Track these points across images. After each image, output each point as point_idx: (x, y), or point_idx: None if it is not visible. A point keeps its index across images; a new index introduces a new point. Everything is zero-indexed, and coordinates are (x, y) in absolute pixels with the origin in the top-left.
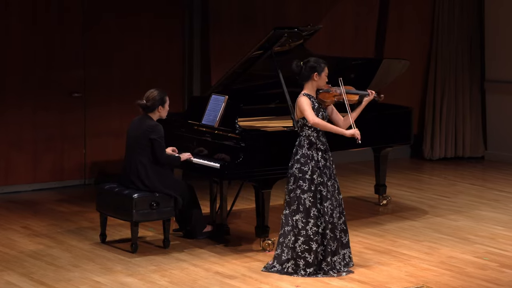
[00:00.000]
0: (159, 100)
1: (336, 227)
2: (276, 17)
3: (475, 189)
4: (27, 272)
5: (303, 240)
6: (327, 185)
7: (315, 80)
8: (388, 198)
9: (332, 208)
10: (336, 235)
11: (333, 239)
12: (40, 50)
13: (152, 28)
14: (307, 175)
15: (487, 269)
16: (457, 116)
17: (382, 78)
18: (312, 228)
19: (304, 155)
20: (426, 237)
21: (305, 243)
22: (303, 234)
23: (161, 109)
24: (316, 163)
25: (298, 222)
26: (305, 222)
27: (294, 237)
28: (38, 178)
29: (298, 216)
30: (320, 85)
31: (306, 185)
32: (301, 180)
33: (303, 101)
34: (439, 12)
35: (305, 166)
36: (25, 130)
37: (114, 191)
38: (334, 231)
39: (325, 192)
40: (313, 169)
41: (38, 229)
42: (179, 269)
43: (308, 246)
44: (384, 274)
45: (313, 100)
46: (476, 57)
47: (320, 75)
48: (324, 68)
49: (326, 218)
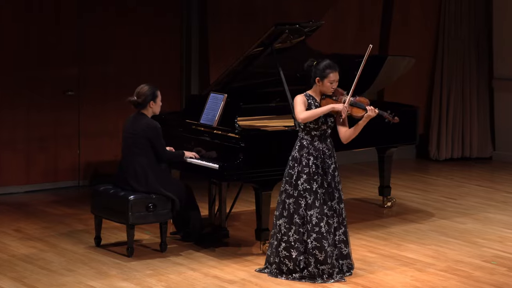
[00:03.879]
0: (150, 95)
1: (325, 237)
2: (277, 13)
3: (483, 190)
4: (19, 277)
5: (284, 246)
6: (317, 192)
7: (317, 85)
8: (393, 200)
9: (320, 218)
10: (324, 245)
11: (320, 249)
12: (32, 47)
13: (149, 24)
14: (293, 180)
15: (495, 273)
16: (464, 115)
17: (386, 76)
18: (294, 235)
19: (293, 157)
20: (432, 241)
21: (286, 250)
22: (285, 239)
23: (153, 104)
24: (303, 168)
25: (281, 226)
26: (288, 228)
27: (277, 242)
28: (31, 179)
29: (281, 220)
30: (323, 91)
31: (291, 189)
32: (287, 184)
33: (296, 99)
34: (446, 7)
35: (292, 169)
36: (17, 130)
37: (110, 192)
38: (321, 241)
39: (311, 200)
40: (299, 174)
41: (31, 232)
42: (177, 274)
43: (289, 253)
44: (389, 279)
45: (312, 102)
46: (484, 53)
47: (322, 81)
48: (328, 75)
49: (309, 227)
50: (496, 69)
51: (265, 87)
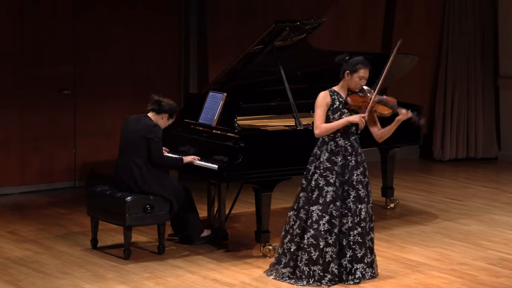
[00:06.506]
0: (171, 109)
1: (322, 236)
2: (277, 10)
3: (488, 191)
4: (14, 280)
5: (289, 238)
6: (323, 189)
7: (346, 79)
8: (396, 201)
9: (320, 215)
10: (320, 244)
11: (315, 247)
12: (27, 44)
13: (147, 21)
14: (308, 175)
15: (500, 276)
16: (469, 115)
17: (389, 74)
18: (296, 229)
19: (313, 153)
20: (436, 243)
21: (290, 242)
22: (290, 232)
23: (165, 118)
24: (319, 164)
25: (290, 218)
26: (294, 221)
27: (284, 232)
28: (26, 180)
29: (291, 212)
30: (351, 86)
31: (305, 183)
32: (303, 178)
33: (318, 98)
34: (450, 4)
35: (310, 164)
36: (12, 130)
37: (106, 193)
38: (317, 239)
39: (315, 196)
40: (315, 169)
41: (26, 234)
42: (175, 276)
43: (286, 247)
44: (392, 282)
45: (336, 97)
46: (489, 51)
47: (351, 75)
48: (359, 70)
49: (308, 223)
50: (502, 67)
51: (265, 86)
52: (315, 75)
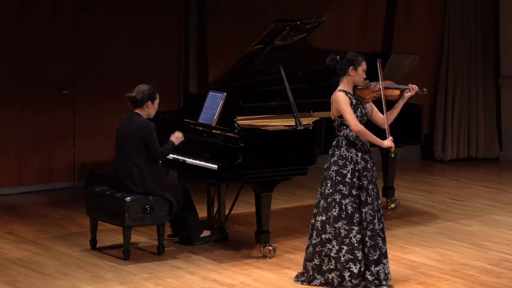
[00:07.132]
0: (149, 94)
1: (378, 234)
2: (277, 9)
3: (490, 192)
4: (13, 281)
5: (347, 249)
6: (368, 188)
7: (351, 75)
8: (397, 201)
9: (373, 214)
10: (378, 243)
11: (374, 248)
12: (27, 44)
13: (146, 21)
14: (347, 178)
15: (502, 277)
16: (470, 115)
17: (390, 74)
18: (356, 236)
19: (342, 156)
20: (437, 243)
21: (349, 252)
22: (346, 242)
23: (150, 105)
24: (356, 165)
25: (340, 229)
26: (348, 230)
27: (338, 246)
28: (24, 180)
29: (340, 223)
30: (356, 80)
31: (346, 189)
32: (340, 184)
33: (341, 99)
34: (451, 5)
35: (343, 168)
36: (10, 129)
37: (105, 194)
38: (375, 239)
39: (364, 197)
40: (353, 172)
41: (24, 235)
42: (174, 277)
43: (353, 255)
44: (392, 283)
45: (350, 97)
46: (491, 51)
47: (356, 70)
48: (362, 62)
49: (364, 225)
50: (503, 67)
51: (265, 86)
52: (315, 75)
